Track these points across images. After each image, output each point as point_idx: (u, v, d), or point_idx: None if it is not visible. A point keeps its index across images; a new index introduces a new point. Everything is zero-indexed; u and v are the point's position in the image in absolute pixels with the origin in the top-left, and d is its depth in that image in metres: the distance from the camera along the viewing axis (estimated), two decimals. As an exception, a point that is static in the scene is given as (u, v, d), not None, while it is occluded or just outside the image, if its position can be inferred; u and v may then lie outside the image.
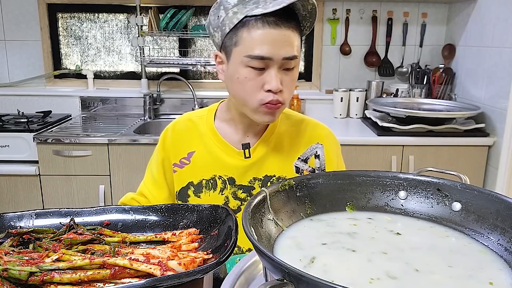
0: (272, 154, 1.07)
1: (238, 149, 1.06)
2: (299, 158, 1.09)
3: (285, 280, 0.44)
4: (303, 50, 2.74)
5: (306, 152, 1.10)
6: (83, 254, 0.69)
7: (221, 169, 1.07)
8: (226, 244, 0.67)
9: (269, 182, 1.06)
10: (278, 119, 1.08)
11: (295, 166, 1.09)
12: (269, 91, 0.93)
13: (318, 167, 1.10)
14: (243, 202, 1.07)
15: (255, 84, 0.93)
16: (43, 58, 2.68)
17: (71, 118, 2.55)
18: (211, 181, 1.07)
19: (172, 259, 0.65)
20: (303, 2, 0.89)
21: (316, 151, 1.10)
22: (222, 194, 1.07)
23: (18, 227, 0.79)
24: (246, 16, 0.90)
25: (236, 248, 1.08)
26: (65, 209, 0.83)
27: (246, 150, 1.04)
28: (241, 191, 1.07)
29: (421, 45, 2.68)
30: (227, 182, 1.07)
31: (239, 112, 1.04)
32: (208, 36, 2.64)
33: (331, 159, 1.09)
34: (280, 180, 1.08)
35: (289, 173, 1.07)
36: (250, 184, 1.07)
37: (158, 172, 1.12)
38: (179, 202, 1.10)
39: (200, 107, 2.36)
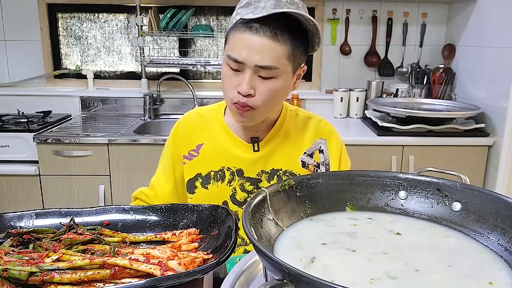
0: (279, 149, 1.11)
1: (247, 142, 1.10)
2: (305, 152, 1.12)
3: (285, 280, 0.44)
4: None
5: (311, 147, 1.12)
6: (83, 254, 0.69)
7: (230, 161, 1.10)
8: (226, 244, 0.67)
9: (275, 176, 1.10)
10: (287, 117, 1.12)
11: (301, 161, 1.11)
12: (238, 92, 0.97)
13: (323, 162, 1.12)
14: (249, 195, 1.10)
15: (231, 82, 0.98)
16: (43, 58, 2.67)
17: (71, 118, 2.55)
18: (220, 173, 1.10)
19: (172, 259, 0.65)
20: (304, 17, 0.91)
21: (320, 146, 1.12)
22: (230, 186, 1.10)
23: (18, 227, 0.79)
24: (240, 19, 0.95)
25: (240, 240, 1.09)
26: (65, 209, 0.83)
27: (255, 144, 1.09)
28: (249, 183, 1.10)
29: (421, 45, 2.68)
30: (235, 173, 1.10)
31: None
32: (207, 36, 2.66)
33: (333, 154, 1.13)
34: (280, 180, 1.08)
35: (296, 167, 1.11)
36: (257, 177, 1.10)
37: (168, 165, 1.15)
38: (187, 194, 1.13)
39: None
